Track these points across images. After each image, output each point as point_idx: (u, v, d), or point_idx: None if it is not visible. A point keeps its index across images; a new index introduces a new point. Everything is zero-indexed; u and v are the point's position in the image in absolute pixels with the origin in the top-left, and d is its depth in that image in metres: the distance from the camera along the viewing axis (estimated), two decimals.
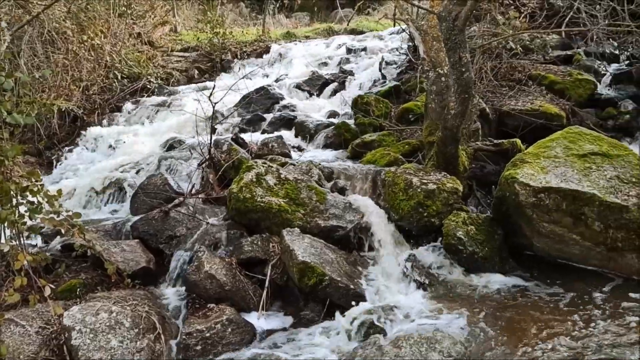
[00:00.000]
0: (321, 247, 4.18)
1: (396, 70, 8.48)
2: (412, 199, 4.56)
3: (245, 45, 11.46)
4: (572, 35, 8.43)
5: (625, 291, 4.01)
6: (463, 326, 3.65)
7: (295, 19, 16.56)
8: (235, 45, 11.31)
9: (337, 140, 6.46)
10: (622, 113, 6.81)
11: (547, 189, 4.19)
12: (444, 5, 4.45)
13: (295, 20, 16.14)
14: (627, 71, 7.44)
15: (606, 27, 7.10)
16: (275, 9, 15.85)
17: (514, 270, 4.42)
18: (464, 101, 4.68)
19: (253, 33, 12.65)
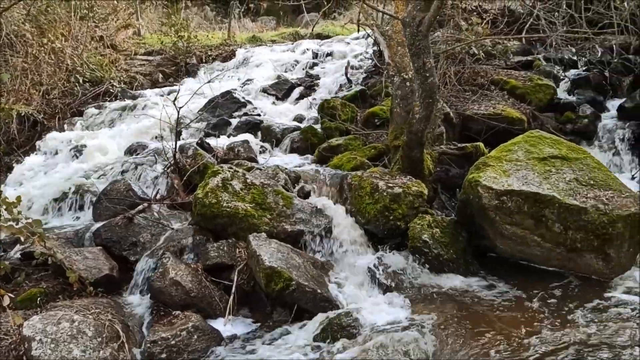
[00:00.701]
0: (288, 252, 4.17)
1: (362, 75, 8.55)
2: (379, 202, 4.59)
3: (211, 49, 11.38)
4: (532, 41, 8.64)
5: (585, 290, 4.13)
6: (429, 328, 3.69)
7: (261, 23, 16.52)
8: (200, 49, 11.22)
9: (304, 145, 6.47)
10: (580, 117, 7.00)
11: (509, 191, 4.28)
12: (408, 11, 4.51)
13: (261, 24, 16.11)
14: (585, 76, 7.65)
15: (564, 34, 7.30)
16: (240, 13, 15.79)
17: (478, 271, 4.50)
18: (428, 106, 4.75)
19: (218, 37, 12.57)
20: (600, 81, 7.59)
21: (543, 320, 3.76)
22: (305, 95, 8.25)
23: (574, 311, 3.82)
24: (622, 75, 7.71)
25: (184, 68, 10.60)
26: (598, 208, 4.09)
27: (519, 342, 3.49)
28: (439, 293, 4.19)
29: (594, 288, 4.14)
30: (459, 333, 3.63)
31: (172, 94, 7.31)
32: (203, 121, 7.39)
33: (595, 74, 7.62)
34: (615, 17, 7.52)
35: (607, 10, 7.78)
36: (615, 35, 7.67)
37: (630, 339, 3.38)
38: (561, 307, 3.91)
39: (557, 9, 7.87)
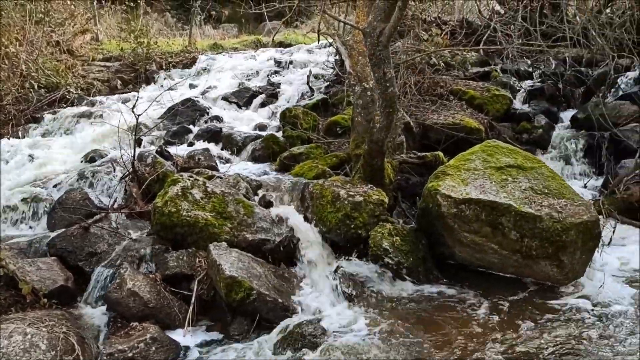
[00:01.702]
0: (249, 261, 4.14)
1: (324, 84, 8.59)
2: (340, 211, 4.61)
3: (171, 56, 11.24)
4: (489, 52, 8.86)
5: (540, 296, 4.24)
6: (389, 335, 3.72)
7: (223, 30, 16.42)
8: (160, 55, 11.07)
9: (265, 153, 6.44)
10: (535, 127, 7.20)
11: (468, 200, 4.36)
12: (369, 22, 4.56)
13: (223, 32, 16.01)
14: (539, 88, 7.88)
15: (520, 46, 7.50)
16: (202, 20, 15.66)
17: (437, 279, 4.56)
18: (388, 115, 4.80)
19: (179, 44, 12.44)
20: (554, 92, 7.83)
21: (500, 325, 3.84)
22: (267, 103, 8.23)
23: (529, 316, 3.92)
24: (575, 87, 7.98)
25: (144, 75, 10.44)
26: (552, 216, 4.21)
27: (476, 347, 3.56)
28: (400, 300, 4.23)
29: (549, 294, 4.25)
30: (419, 340, 3.68)
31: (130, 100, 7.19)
32: (163, 129, 7.29)
33: (550, 85, 7.86)
34: (568, 30, 7.78)
35: (561, 24, 8.05)
36: (568, 48, 7.93)
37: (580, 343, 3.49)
38: (517, 312, 4.00)
39: (513, 21, 8.10)
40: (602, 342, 3.52)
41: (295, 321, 3.83)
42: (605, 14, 8.23)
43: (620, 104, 7.06)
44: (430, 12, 8.34)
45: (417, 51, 7.07)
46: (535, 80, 8.19)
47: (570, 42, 7.73)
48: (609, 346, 3.46)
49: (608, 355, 3.36)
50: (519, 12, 8.17)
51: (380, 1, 4.47)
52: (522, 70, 8.38)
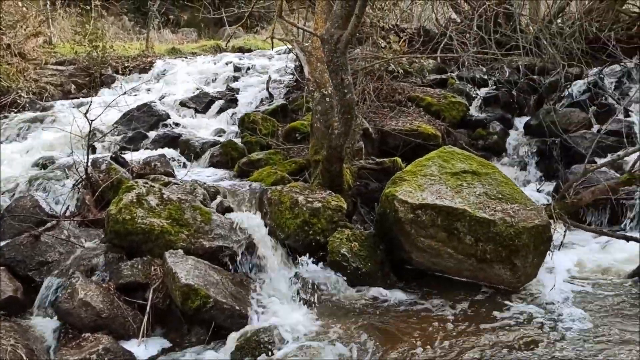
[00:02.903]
0: (206, 269, 4.09)
1: (283, 89, 8.59)
2: (298, 217, 4.60)
3: (128, 60, 11.05)
4: (446, 60, 9.03)
5: (494, 300, 4.32)
6: (347, 341, 3.72)
7: (181, 34, 16.24)
8: (116, 59, 10.87)
9: (224, 159, 6.39)
10: (490, 134, 7.37)
11: (424, 205, 4.42)
12: (326, 29, 4.58)
13: (182, 36, 15.84)
14: (494, 95, 8.07)
15: (475, 54, 7.68)
16: (160, 24, 15.46)
17: (395, 284, 4.60)
18: (347, 121, 4.82)
19: (136, 48, 12.23)
20: (509, 100, 8.03)
21: (454, 329, 3.89)
22: (226, 108, 8.18)
23: (483, 320, 3.99)
24: (528, 95, 8.20)
25: (99, 79, 10.22)
26: (505, 221, 4.30)
27: (432, 351, 3.59)
28: (358, 306, 4.24)
29: (503, 297, 4.32)
30: (377, 344, 3.69)
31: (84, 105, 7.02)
32: (118, 135, 7.15)
33: (504, 92, 8.06)
34: (521, 39, 8.01)
35: (514, 33, 8.29)
36: (521, 56, 8.16)
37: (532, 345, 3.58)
38: (471, 316, 4.06)
39: (469, 30, 8.29)
40: (553, 344, 3.60)
41: (252, 328, 3.79)
42: (556, 24, 8.51)
43: (571, 111, 7.30)
44: (389, 20, 8.43)
45: (375, 58, 7.14)
46: (491, 88, 8.37)
47: (523, 50, 7.98)
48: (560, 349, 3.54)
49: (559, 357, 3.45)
50: (474, 21, 8.37)
51: (337, 8, 4.49)
52: (477, 77, 8.56)
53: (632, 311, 4.02)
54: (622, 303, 4.18)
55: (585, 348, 3.52)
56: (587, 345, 3.55)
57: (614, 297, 4.29)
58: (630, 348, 3.47)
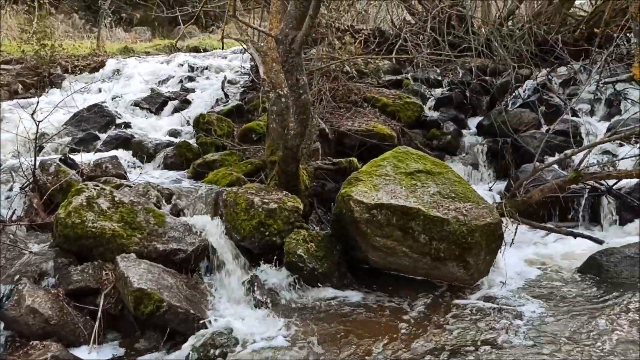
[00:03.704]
0: (159, 273, 4.01)
1: (239, 90, 8.52)
2: (254, 218, 4.57)
3: (78, 59, 10.74)
4: (401, 61, 9.14)
5: (448, 297, 4.39)
6: (305, 342, 3.72)
7: (135, 33, 15.91)
8: (66, 59, 10.55)
9: (178, 160, 6.29)
10: (444, 134, 7.50)
11: (379, 205, 4.45)
12: (281, 29, 4.56)
13: (135, 35, 15.51)
14: (448, 96, 8.22)
15: (429, 55, 7.80)
16: (112, 22, 15.10)
17: (352, 283, 4.62)
18: (302, 122, 4.82)
19: (87, 46, 11.91)
20: (462, 100, 8.19)
21: (411, 326, 3.93)
22: (180, 109, 8.04)
23: (439, 317, 4.05)
24: (481, 95, 8.38)
25: (48, 79, 9.90)
26: (458, 219, 4.38)
27: (389, 349, 3.62)
28: (315, 306, 4.25)
29: (457, 294, 4.41)
30: (333, 345, 3.70)
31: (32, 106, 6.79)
32: (68, 136, 6.94)
33: (457, 93, 8.21)
34: (473, 41, 8.20)
35: (467, 35, 8.47)
36: (473, 58, 8.34)
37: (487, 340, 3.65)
38: (427, 313, 4.12)
39: (423, 32, 8.42)
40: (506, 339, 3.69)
41: (207, 332, 3.74)
42: (506, 26, 8.74)
43: (521, 112, 7.49)
44: (344, 21, 8.47)
45: (331, 59, 7.16)
46: (444, 89, 8.52)
47: (475, 52, 8.16)
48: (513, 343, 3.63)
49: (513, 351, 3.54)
50: (428, 23, 8.52)
51: (291, 9, 4.48)
52: (432, 78, 8.70)
53: (581, 305, 4.15)
54: (571, 297, 4.32)
55: (538, 342, 3.62)
56: (539, 339, 3.65)
57: (563, 291, 4.43)
58: (581, 342, 3.59)
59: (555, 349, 3.51)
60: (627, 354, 3.39)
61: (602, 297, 4.25)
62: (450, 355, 3.51)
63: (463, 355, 3.50)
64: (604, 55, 7.40)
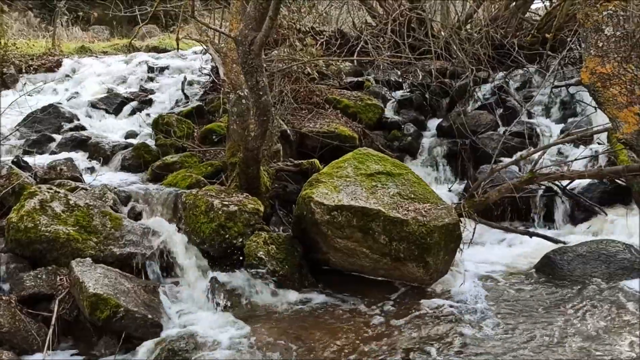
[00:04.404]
0: (116, 277, 3.94)
1: (200, 91, 8.41)
2: (214, 221, 4.53)
3: (33, 59, 10.43)
4: (362, 63, 9.19)
5: (408, 297, 4.44)
6: (265, 345, 3.72)
7: (92, 32, 15.55)
8: (20, 58, 10.23)
9: (136, 162, 6.17)
10: (405, 135, 7.57)
11: (340, 206, 4.47)
12: (240, 30, 4.54)
13: (93, 34, 15.16)
14: (409, 97, 8.28)
15: (389, 57, 7.87)
16: (69, 21, 14.72)
17: (313, 285, 4.63)
18: (263, 123, 4.80)
19: (42, 45, 11.58)
20: (422, 102, 8.27)
21: (372, 327, 3.97)
22: (139, 110, 7.90)
23: (399, 317, 4.10)
24: (440, 97, 8.48)
25: (0, 79, 9.57)
26: (418, 220, 4.43)
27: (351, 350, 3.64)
28: (275, 309, 4.25)
29: (417, 294, 4.46)
30: (295, 347, 3.70)
31: None
32: (21, 138, 6.74)
33: (418, 95, 8.29)
34: (433, 44, 8.31)
35: (426, 38, 8.58)
36: (433, 60, 8.45)
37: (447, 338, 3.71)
38: (387, 313, 4.16)
39: (383, 34, 8.50)
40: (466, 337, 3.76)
41: (167, 336, 3.71)
42: (465, 30, 8.88)
43: (479, 114, 7.63)
44: (306, 23, 8.47)
45: (292, 60, 7.15)
46: (405, 91, 8.59)
47: (434, 55, 8.27)
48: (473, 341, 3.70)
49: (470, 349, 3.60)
50: (389, 25, 8.60)
51: (251, 10, 4.46)
52: (392, 80, 8.76)
53: (536, 302, 4.26)
54: (527, 295, 4.43)
55: (496, 339, 3.70)
56: (498, 337, 3.73)
57: (519, 289, 4.54)
58: (537, 338, 3.69)
59: (513, 345, 3.60)
60: (581, 349, 3.50)
61: (556, 294, 4.38)
62: (412, 355, 3.56)
63: (424, 354, 3.56)
64: (557, 59, 7.60)
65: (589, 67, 2.38)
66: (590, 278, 4.54)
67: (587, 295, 4.29)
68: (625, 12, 2.27)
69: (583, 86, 2.46)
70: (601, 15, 2.30)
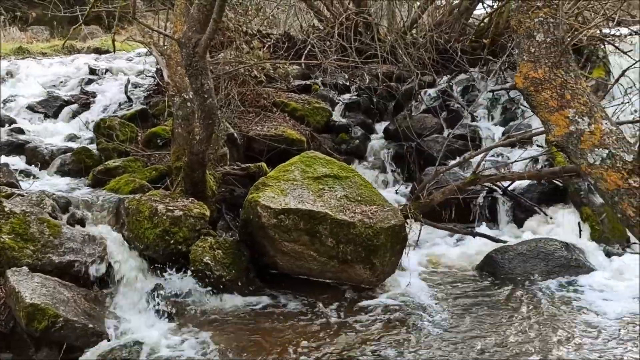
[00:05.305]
0: (55, 286, 3.80)
1: (144, 94, 8.23)
2: (158, 226, 4.43)
3: None
4: (310, 66, 9.22)
5: (356, 298, 4.47)
6: (212, 351, 3.68)
7: (31, 32, 14.99)
8: None
9: (77, 167, 6.00)
10: (352, 138, 7.63)
11: (287, 210, 4.46)
12: (184, 32, 4.47)
13: (32, 35, 14.62)
14: (356, 101, 8.34)
15: (336, 61, 7.92)
16: (6, 21, 14.16)
17: (260, 289, 4.59)
18: (208, 127, 4.74)
19: None
20: (369, 105, 8.35)
21: (320, 329, 3.99)
22: (80, 113, 7.66)
23: (347, 318, 4.13)
24: (387, 101, 8.58)
25: None
26: (364, 222, 4.47)
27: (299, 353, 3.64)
28: (222, 314, 4.20)
29: (364, 296, 4.50)
30: (241, 353, 3.68)
31: None
32: None
33: (365, 99, 8.37)
34: (379, 48, 8.42)
35: (373, 42, 8.69)
36: (379, 64, 8.57)
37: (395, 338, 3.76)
38: (335, 316, 4.19)
39: (330, 38, 8.55)
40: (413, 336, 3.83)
41: (109, 346, 3.63)
42: (410, 34, 9.04)
43: (425, 117, 7.77)
44: (253, 25, 8.42)
45: (239, 63, 7.09)
46: (353, 94, 8.66)
47: (381, 59, 8.38)
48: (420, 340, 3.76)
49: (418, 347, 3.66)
50: (336, 29, 8.66)
51: (194, 12, 4.40)
52: (340, 84, 8.81)
53: (479, 300, 4.39)
54: (471, 293, 4.55)
55: (442, 337, 3.79)
56: (444, 335, 3.82)
57: (464, 288, 4.66)
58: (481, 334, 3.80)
59: (459, 343, 3.68)
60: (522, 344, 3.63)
61: (499, 292, 4.52)
62: (361, 356, 3.58)
63: (368, 355, 3.59)
64: (498, 64, 7.84)
65: (523, 72, 2.47)
66: (530, 276, 4.70)
67: (527, 293, 4.44)
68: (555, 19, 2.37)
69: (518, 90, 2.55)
70: (533, 22, 2.39)
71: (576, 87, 2.42)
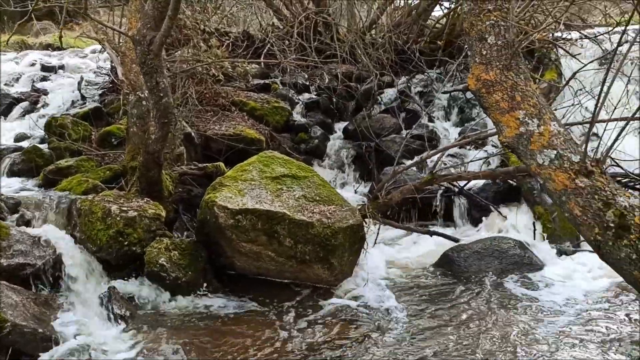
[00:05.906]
0: (3, 290, 3.66)
1: (98, 91, 8.04)
2: (111, 228, 4.34)
3: None
4: (270, 66, 9.17)
5: (315, 299, 4.47)
6: (165, 355, 3.60)
7: None
8: None
9: (27, 167, 5.81)
10: (312, 138, 7.63)
11: (244, 210, 4.43)
12: (138, 29, 4.38)
13: None
14: (316, 100, 8.35)
15: (295, 60, 7.91)
16: None
17: (218, 290, 4.54)
18: (163, 126, 4.66)
19: None
20: (329, 105, 8.37)
21: (278, 330, 3.96)
22: (31, 111, 7.45)
23: (305, 319, 4.12)
24: (347, 101, 8.62)
25: None
26: (322, 222, 4.47)
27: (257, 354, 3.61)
28: (178, 316, 4.13)
29: (322, 296, 4.50)
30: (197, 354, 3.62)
31: None
32: None
33: (324, 98, 8.38)
34: (339, 48, 8.45)
35: (332, 42, 8.71)
36: (339, 64, 8.59)
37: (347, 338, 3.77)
38: (294, 316, 4.17)
39: (289, 37, 8.53)
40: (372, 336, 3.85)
41: (60, 351, 3.52)
42: (369, 35, 9.10)
43: (383, 117, 7.84)
44: (211, 23, 8.32)
45: (197, 61, 7.00)
46: (312, 94, 8.66)
47: (340, 59, 8.41)
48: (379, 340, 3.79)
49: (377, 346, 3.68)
50: (295, 28, 8.65)
51: (149, 8, 4.32)
52: (300, 83, 8.80)
53: (436, 297, 4.45)
54: (428, 291, 4.62)
55: (400, 335, 3.83)
56: (403, 333, 3.86)
57: (421, 286, 4.72)
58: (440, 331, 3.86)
59: (416, 341, 3.72)
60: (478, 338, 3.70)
61: (454, 289, 4.60)
62: (320, 356, 3.58)
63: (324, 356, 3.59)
64: (454, 65, 7.97)
65: (475, 74, 2.51)
66: (485, 273, 4.80)
67: (483, 290, 4.53)
68: (506, 22, 2.42)
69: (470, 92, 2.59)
70: (484, 25, 2.44)
71: (526, 89, 2.48)
